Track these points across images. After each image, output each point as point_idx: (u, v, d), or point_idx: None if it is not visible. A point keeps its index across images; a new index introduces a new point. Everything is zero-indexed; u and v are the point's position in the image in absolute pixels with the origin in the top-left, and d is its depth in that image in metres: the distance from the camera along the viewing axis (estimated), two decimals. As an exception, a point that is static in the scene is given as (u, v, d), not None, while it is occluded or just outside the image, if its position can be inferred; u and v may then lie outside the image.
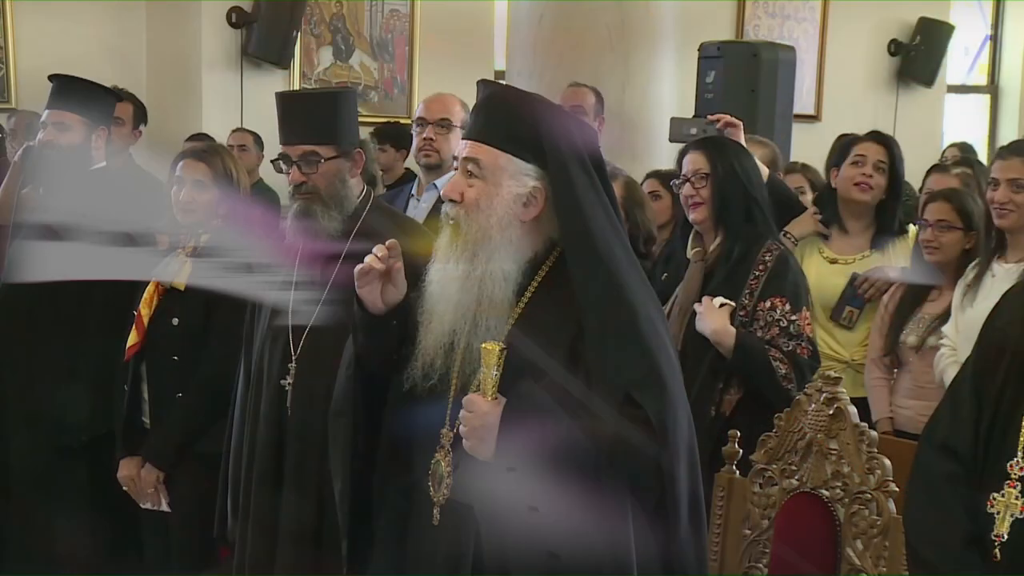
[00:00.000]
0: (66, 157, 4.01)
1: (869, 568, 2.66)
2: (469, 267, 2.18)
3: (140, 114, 5.29)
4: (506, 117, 2.18)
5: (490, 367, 2.13)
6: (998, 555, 1.92)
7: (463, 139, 2.25)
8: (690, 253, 3.53)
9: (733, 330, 3.32)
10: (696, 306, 3.36)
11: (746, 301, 3.36)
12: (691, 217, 3.50)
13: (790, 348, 3.32)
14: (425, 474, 2.26)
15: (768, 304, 3.34)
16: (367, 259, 2.26)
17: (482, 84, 2.25)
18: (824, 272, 4.04)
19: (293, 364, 2.99)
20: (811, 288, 4.05)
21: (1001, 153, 3.92)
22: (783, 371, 3.29)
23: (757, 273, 3.37)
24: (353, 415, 2.38)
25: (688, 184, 3.47)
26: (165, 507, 3.60)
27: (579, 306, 2.14)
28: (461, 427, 2.15)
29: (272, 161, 3.00)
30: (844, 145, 4.22)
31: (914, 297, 3.91)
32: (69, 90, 4.07)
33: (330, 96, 2.98)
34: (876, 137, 4.14)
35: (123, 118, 5.15)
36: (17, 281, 4.05)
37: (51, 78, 4.18)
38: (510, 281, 2.18)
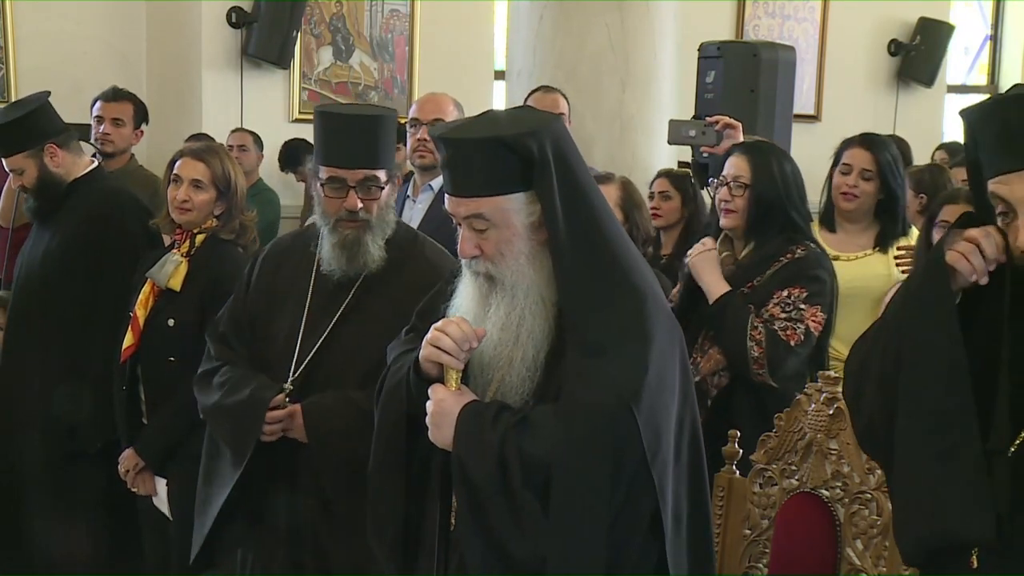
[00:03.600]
0: (39, 191, 4.00)
1: (869, 568, 2.66)
2: (510, 307, 2.16)
3: (141, 114, 5.26)
4: (483, 162, 2.12)
5: None
6: (975, 562, 1.90)
7: (451, 196, 2.18)
8: (720, 256, 3.49)
9: (726, 286, 3.34)
10: (695, 250, 3.42)
11: (757, 280, 3.34)
12: (723, 222, 3.46)
13: (779, 326, 3.28)
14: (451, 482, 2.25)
15: (785, 292, 3.31)
16: (447, 345, 2.14)
17: (439, 141, 2.18)
18: None
19: (289, 385, 2.87)
20: None
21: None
22: (757, 338, 3.26)
23: (783, 259, 3.35)
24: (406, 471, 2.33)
25: (726, 188, 3.44)
26: (165, 510, 3.60)
27: (569, 307, 2.13)
28: (427, 417, 2.17)
29: (321, 184, 2.81)
30: (839, 148, 4.19)
31: None
32: (3, 134, 3.98)
33: (384, 119, 2.81)
34: (863, 142, 4.09)
35: (123, 119, 5.12)
36: (25, 286, 4.06)
37: None
38: (549, 304, 2.17)
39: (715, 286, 3.35)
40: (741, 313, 3.30)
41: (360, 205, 2.78)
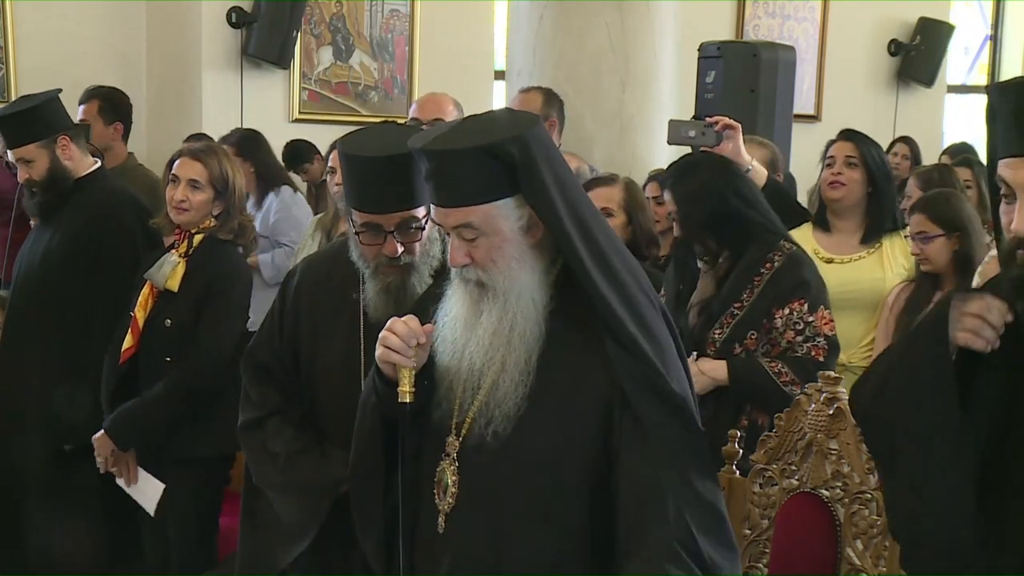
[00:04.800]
0: (48, 184, 3.97)
1: (869, 568, 2.66)
2: (502, 312, 2.15)
3: (111, 107, 5.10)
4: (469, 171, 2.10)
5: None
6: None
7: (437, 207, 2.13)
8: (700, 263, 3.46)
9: (722, 364, 3.28)
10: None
11: (745, 296, 3.31)
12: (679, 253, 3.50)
13: (803, 351, 3.27)
14: (430, 482, 2.24)
15: (787, 310, 3.29)
16: (394, 343, 2.15)
17: (422, 153, 2.13)
18: (820, 271, 4.03)
19: None
20: None
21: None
22: (787, 378, 3.23)
23: (763, 271, 3.32)
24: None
25: (675, 224, 3.47)
26: (145, 504, 3.61)
27: (600, 321, 2.12)
28: None
29: (356, 233, 2.55)
30: (824, 149, 4.20)
31: (919, 298, 3.90)
32: (13, 122, 3.98)
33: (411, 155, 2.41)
34: (844, 135, 4.14)
35: (87, 119, 5.05)
36: (25, 285, 4.06)
37: None
38: (539, 307, 2.16)
39: (717, 372, 3.28)
40: (756, 368, 3.26)
41: (401, 249, 2.52)
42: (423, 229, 2.53)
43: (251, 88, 7.06)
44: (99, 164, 4.19)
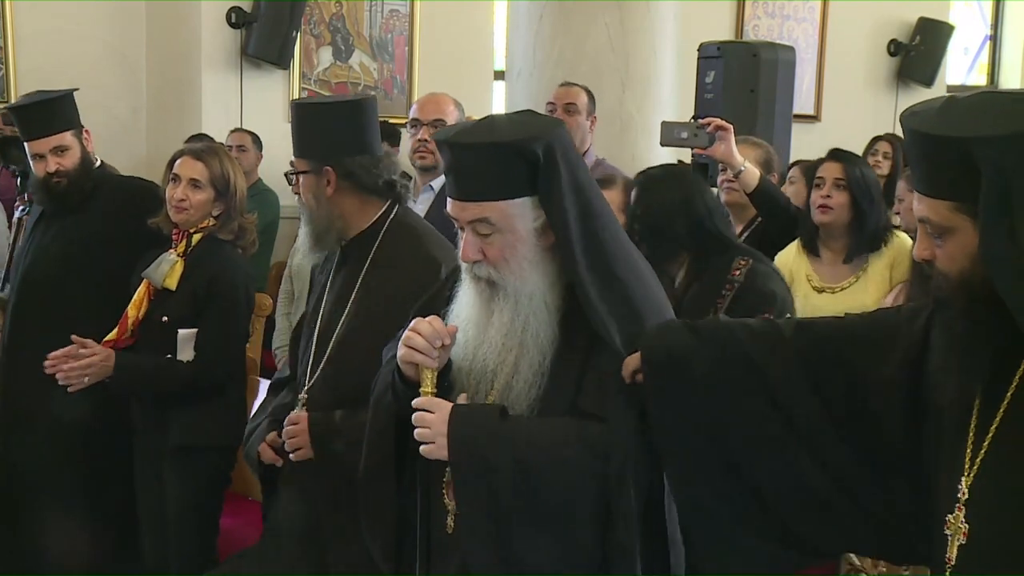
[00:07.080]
0: (80, 174, 3.94)
1: (869, 568, 2.66)
2: (513, 313, 2.15)
3: None
4: (490, 166, 2.11)
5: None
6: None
7: (455, 200, 2.15)
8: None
9: None
10: None
11: (711, 316, 3.19)
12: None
13: None
14: (440, 482, 2.24)
15: None
16: (419, 344, 2.16)
17: (444, 145, 2.15)
18: (812, 298, 3.98)
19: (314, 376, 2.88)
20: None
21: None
22: None
23: (725, 292, 3.24)
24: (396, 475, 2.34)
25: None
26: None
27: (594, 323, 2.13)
28: (418, 431, 2.13)
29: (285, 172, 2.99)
30: (814, 167, 4.13)
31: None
32: (52, 109, 3.92)
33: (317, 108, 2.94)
34: (833, 155, 4.09)
35: None
36: (31, 284, 4.04)
37: (12, 110, 4.06)
38: (552, 309, 2.16)
39: None
40: None
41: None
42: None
43: (251, 88, 7.06)
44: (100, 162, 4.19)
